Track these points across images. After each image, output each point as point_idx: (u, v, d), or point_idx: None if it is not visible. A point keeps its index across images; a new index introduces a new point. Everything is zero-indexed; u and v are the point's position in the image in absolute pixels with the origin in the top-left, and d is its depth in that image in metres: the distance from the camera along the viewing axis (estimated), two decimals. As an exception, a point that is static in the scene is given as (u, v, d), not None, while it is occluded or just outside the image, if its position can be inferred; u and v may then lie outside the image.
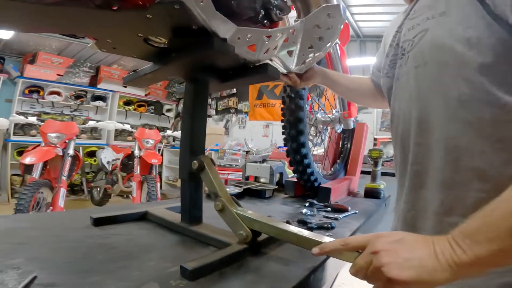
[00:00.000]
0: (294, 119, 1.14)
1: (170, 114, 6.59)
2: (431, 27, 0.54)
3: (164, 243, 0.66)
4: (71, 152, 2.89)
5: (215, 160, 0.79)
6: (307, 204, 1.09)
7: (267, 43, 0.68)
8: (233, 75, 0.75)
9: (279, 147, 4.39)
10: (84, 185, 4.72)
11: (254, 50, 0.67)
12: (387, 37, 0.79)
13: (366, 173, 1.79)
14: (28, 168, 2.81)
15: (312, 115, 1.40)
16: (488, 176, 0.47)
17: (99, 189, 4.19)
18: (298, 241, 0.55)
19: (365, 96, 0.99)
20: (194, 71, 0.71)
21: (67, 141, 2.90)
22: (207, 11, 0.53)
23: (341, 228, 0.85)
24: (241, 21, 0.66)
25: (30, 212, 2.28)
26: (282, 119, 1.19)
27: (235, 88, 5.76)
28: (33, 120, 3.21)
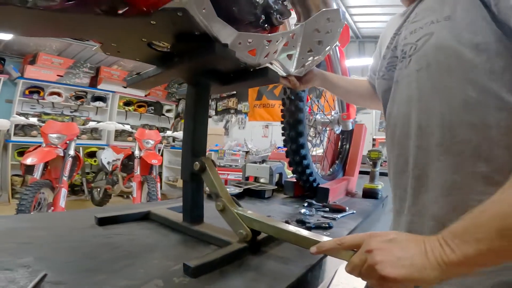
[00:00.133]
0: (293, 120, 1.15)
1: (170, 114, 6.61)
2: (436, 31, 0.53)
3: (167, 242, 0.68)
4: (72, 152, 2.91)
5: (215, 160, 0.81)
6: (306, 204, 1.10)
7: (267, 47, 0.69)
8: (234, 78, 0.77)
9: (278, 147, 4.40)
10: (85, 185, 4.73)
11: (255, 54, 0.69)
12: (383, 39, 0.79)
13: (365, 173, 1.80)
14: (29, 168, 2.83)
15: (312, 116, 1.42)
16: (496, 181, 0.46)
17: (99, 189, 4.21)
18: (297, 240, 0.57)
19: (363, 97, 1.01)
20: (196, 75, 0.73)
21: (68, 141, 2.92)
22: (209, 17, 0.54)
23: (338, 228, 0.86)
24: (242, 26, 0.68)
25: (32, 213, 2.30)
26: (282, 120, 1.21)
27: (235, 89, 5.77)
28: (34, 121, 3.22)
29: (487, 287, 0.44)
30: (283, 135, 1.22)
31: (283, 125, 1.21)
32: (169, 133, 4.51)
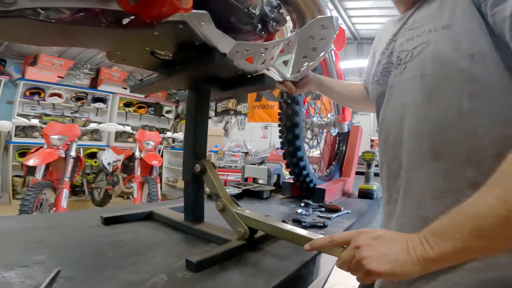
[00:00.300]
0: (290, 124, 1.18)
1: (169, 115, 6.64)
2: (433, 40, 0.54)
3: (170, 240, 0.72)
4: (73, 153, 2.95)
5: (214, 161, 0.84)
6: (303, 204, 1.13)
7: (263, 55, 0.73)
8: (232, 84, 0.80)
9: (277, 148, 4.43)
10: (85, 186, 4.76)
11: (252, 61, 0.72)
12: (378, 43, 0.80)
13: (362, 174, 1.83)
14: (31, 169, 2.87)
15: (308, 118, 1.46)
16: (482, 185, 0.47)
17: (100, 190, 4.24)
18: (292, 238, 0.60)
19: (358, 102, 1.03)
20: (197, 81, 0.76)
21: (69, 143, 2.95)
22: (208, 29, 0.58)
23: (333, 227, 0.90)
24: (240, 34, 0.72)
25: (34, 213, 2.33)
26: (280, 123, 1.24)
27: (234, 90, 5.80)
28: (36, 122, 3.25)
29: (473, 283, 0.45)
30: (280, 137, 1.25)
31: (280, 128, 1.24)
32: (169, 134, 4.53)
